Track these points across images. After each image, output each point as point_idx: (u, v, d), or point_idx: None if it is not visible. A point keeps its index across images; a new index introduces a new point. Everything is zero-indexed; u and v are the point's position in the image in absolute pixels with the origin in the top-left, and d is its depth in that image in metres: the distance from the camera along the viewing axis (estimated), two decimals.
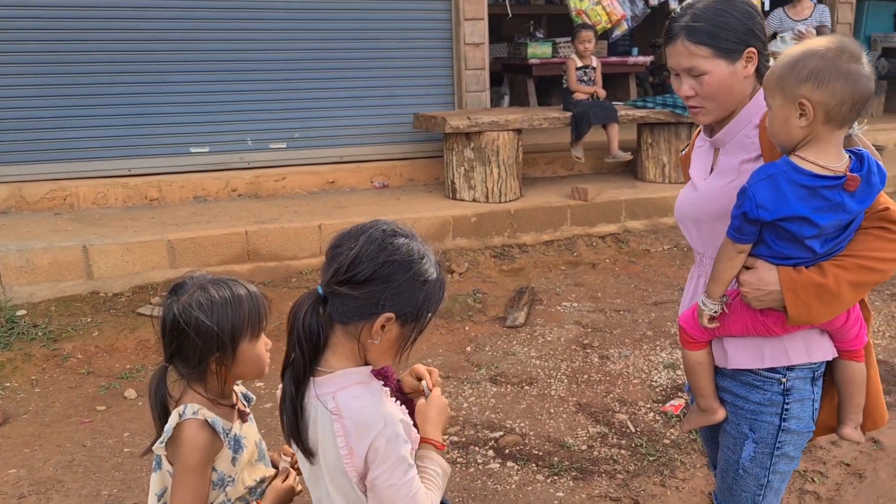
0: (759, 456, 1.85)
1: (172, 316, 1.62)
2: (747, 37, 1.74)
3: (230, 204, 6.00)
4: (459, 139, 5.98)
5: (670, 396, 3.73)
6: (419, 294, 1.39)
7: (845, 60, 1.54)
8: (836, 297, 1.65)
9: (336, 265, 1.39)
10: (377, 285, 1.36)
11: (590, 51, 6.44)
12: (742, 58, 1.74)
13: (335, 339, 1.42)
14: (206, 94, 6.09)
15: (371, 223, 1.44)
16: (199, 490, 1.59)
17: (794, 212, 1.58)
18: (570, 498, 2.97)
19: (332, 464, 1.39)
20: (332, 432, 1.36)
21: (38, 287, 4.74)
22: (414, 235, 1.44)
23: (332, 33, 6.37)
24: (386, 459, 1.35)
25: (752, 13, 1.76)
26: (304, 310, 1.39)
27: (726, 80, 1.75)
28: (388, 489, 1.35)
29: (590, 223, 6.13)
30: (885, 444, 3.29)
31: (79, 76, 5.73)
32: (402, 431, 1.40)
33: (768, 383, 1.80)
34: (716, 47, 1.73)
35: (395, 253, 1.38)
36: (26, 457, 3.27)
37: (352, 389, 1.39)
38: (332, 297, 1.39)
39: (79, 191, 5.73)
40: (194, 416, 1.61)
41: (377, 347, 1.40)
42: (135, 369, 4.09)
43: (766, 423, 1.82)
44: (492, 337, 4.48)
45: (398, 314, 1.38)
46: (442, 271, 1.45)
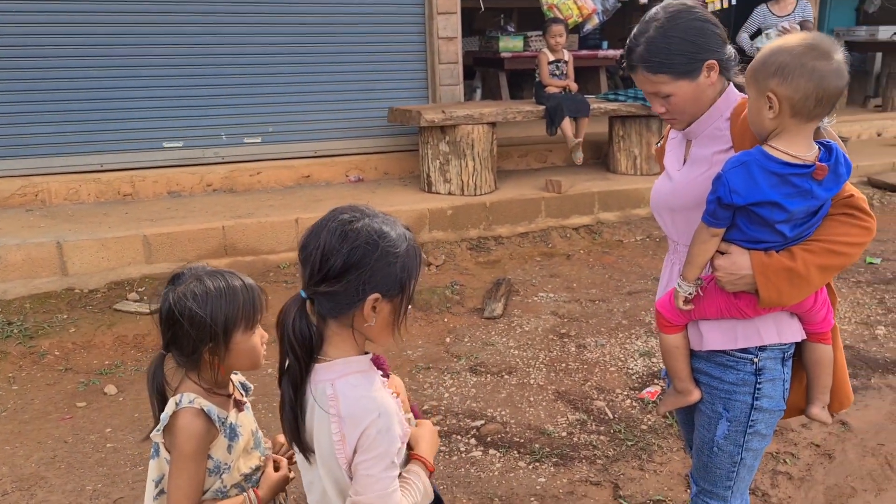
0: (733, 434, 1.93)
1: (168, 305, 1.64)
2: (701, 53, 1.81)
3: (205, 199, 5.97)
4: (435, 133, 6.02)
5: (646, 383, 3.82)
6: (395, 267, 1.41)
7: (812, 58, 1.62)
8: (804, 280, 1.73)
9: (309, 267, 1.42)
10: (353, 273, 1.38)
11: (561, 45, 6.50)
12: (702, 71, 1.82)
13: (330, 331, 1.45)
14: (179, 89, 6.05)
15: (328, 215, 1.45)
16: (195, 477, 1.62)
17: (765, 197, 1.67)
18: (551, 483, 3.04)
19: (325, 449, 1.42)
20: (328, 418, 1.39)
21: (11, 284, 4.69)
22: (372, 213, 1.44)
23: (306, 27, 6.36)
24: (372, 449, 1.38)
25: (701, 27, 1.82)
26: (292, 316, 1.41)
27: (692, 95, 1.84)
28: (365, 478, 1.38)
29: (563, 215, 6.22)
30: (852, 425, 3.41)
31: (48, 70, 5.66)
32: (396, 428, 1.42)
33: (741, 363, 1.88)
34: (673, 72, 1.81)
35: (358, 237, 1.39)
36: (7, 454, 3.25)
37: (351, 378, 1.42)
38: (317, 297, 1.42)
39: (50, 186, 5.67)
40: (190, 404, 1.64)
41: (374, 328, 1.43)
42: (113, 365, 4.07)
43: (740, 402, 1.90)
44: (470, 328, 4.53)
45: (383, 292, 1.40)
46: (410, 236, 1.46)
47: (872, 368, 3.94)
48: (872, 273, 5.33)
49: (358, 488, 1.39)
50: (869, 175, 7.43)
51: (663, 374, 2.77)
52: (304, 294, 1.42)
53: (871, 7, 11.32)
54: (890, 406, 3.56)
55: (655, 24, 1.82)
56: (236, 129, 6.29)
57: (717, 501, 2.03)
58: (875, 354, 4.09)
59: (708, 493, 2.04)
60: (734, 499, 2.03)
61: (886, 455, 3.19)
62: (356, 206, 1.46)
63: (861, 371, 3.90)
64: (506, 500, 2.93)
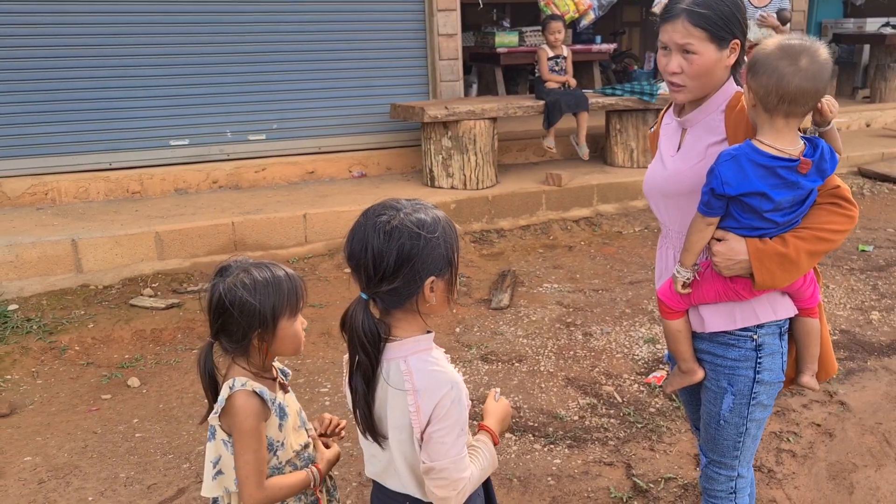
0: (738, 406, 2.08)
1: (218, 295, 1.74)
2: (736, 28, 1.93)
3: (212, 195, 6.07)
4: (437, 128, 6.14)
5: (652, 368, 3.96)
6: (440, 248, 1.53)
7: (778, 58, 1.79)
8: (795, 265, 1.89)
9: (364, 272, 1.53)
10: (406, 267, 1.50)
11: (560, 41, 6.63)
12: (728, 47, 1.93)
13: (395, 319, 1.57)
14: (185, 88, 6.14)
15: (364, 220, 1.56)
16: (259, 451, 1.74)
17: (753, 187, 1.82)
18: (566, 464, 3.17)
19: (399, 419, 1.55)
20: (403, 391, 1.52)
21: (27, 281, 4.78)
22: (402, 205, 1.55)
23: (309, 26, 6.46)
24: (447, 418, 1.51)
25: (742, 7, 1.96)
26: (359, 317, 1.53)
27: (711, 64, 1.93)
28: (440, 445, 1.51)
29: (564, 208, 6.35)
30: (851, 405, 3.57)
31: (57, 70, 5.74)
32: (465, 399, 1.56)
33: (742, 341, 2.03)
34: (711, 32, 1.90)
35: (402, 234, 1.50)
36: (39, 445, 3.36)
37: (423, 354, 1.55)
38: (378, 295, 1.54)
39: (60, 185, 5.75)
40: (243, 387, 1.74)
41: (434, 305, 1.56)
42: (134, 359, 4.17)
43: (742, 376, 2.05)
44: (479, 318, 4.66)
45: (436, 273, 1.53)
46: (442, 214, 1.58)
47: (868, 352, 4.10)
48: (865, 260, 5.50)
49: (432, 454, 1.51)
50: (859, 165, 7.61)
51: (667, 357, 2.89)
52: (366, 296, 1.54)
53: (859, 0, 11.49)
54: (886, 387, 3.72)
55: None
56: (241, 126, 6.38)
57: (726, 470, 2.18)
58: (871, 338, 4.25)
59: (717, 463, 2.18)
60: (741, 467, 2.18)
61: (884, 433, 3.34)
62: (386, 204, 1.57)
63: (858, 354, 4.06)
64: (524, 480, 3.07)
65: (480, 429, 1.70)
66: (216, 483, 1.81)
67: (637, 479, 3.05)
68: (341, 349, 4.26)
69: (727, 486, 2.19)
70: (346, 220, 5.60)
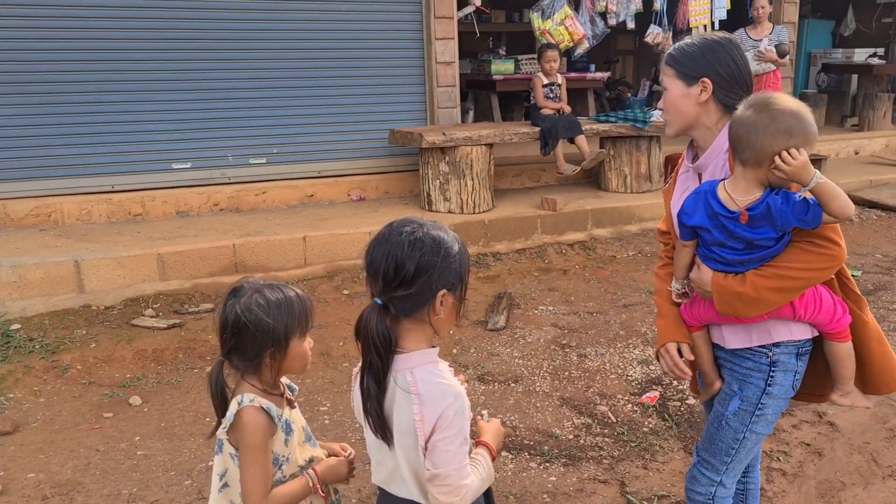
0: (742, 412, 2.17)
1: (235, 314, 1.81)
2: (703, 68, 2.11)
3: (213, 218, 6.15)
4: (435, 153, 6.26)
5: (645, 389, 4.04)
6: (455, 264, 1.64)
7: (744, 107, 1.96)
8: (755, 301, 2.02)
9: (382, 277, 1.62)
10: (424, 276, 1.60)
11: (555, 69, 6.78)
12: (697, 84, 2.12)
13: (404, 328, 1.66)
14: (188, 112, 6.25)
15: (386, 231, 1.67)
16: (265, 465, 1.80)
17: (700, 222, 2.04)
18: (562, 481, 3.24)
19: (405, 427, 1.62)
20: (409, 402, 1.60)
21: (30, 301, 4.84)
22: (425, 223, 1.67)
23: (310, 52, 6.60)
24: (450, 428, 1.59)
25: (714, 47, 2.14)
26: (373, 321, 1.62)
27: (679, 98, 2.15)
28: (444, 453, 1.59)
29: (559, 232, 6.46)
30: (840, 426, 3.64)
31: (60, 94, 5.85)
32: (468, 410, 1.64)
33: (757, 356, 2.14)
34: (677, 70, 2.15)
35: (424, 245, 1.61)
36: (42, 462, 3.41)
37: (428, 367, 1.64)
38: (392, 301, 1.63)
39: (63, 207, 5.84)
40: (251, 403, 1.80)
41: (442, 319, 1.65)
42: (135, 378, 4.23)
43: (753, 384, 2.15)
44: (475, 339, 4.74)
45: (448, 287, 1.63)
46: (458, 236, 1.69)
47: None
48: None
49: (436, 462, 1.59)
50: (847, 192, 7.73)
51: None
52: (380, 301, 1.63)
53: (847, 31, 11.75)
54: (875, 407, 3.80)
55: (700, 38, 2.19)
56: (242, 150, 6.49)
57: (712, 473, 2.24)
58: None
59: (706, 462, 2.25)
60: (726, 476, 2.24)
61: (872, 452, 3.42)
62: (410, 219, 1.68)
63: None
64: (520, 497, 3.13)
65: (478, 444, 1.78)
66: (222, 495, 1.86)
67: (631, 497, 3.11)
68: (340, 369, 4.33)
69: (707, 491, 2.25)
70: (345, 243, 5.70)
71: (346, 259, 5.71)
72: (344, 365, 4.39)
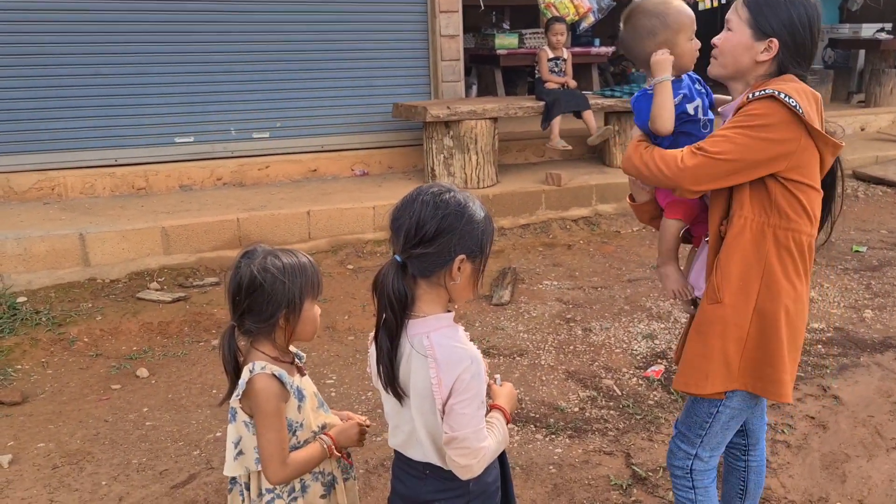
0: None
1: (250, 274, 1.80)
2: (778, 26, 1.95)
3: (216, 192, 6.14)
4: (439, 128, 6.23)
5: (650, 363, 4.05)
6: (477, 232, 1.64)
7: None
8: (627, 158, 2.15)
9: (403, 233, 1.62)
10: (444, 237, 1.60)
11: (562, 43, 6.73)
12: (763, 41, 1.97)
13: (420, 290, 1.66)
14: (190, 85, 6.21)
15: (416, 191, 1.68)
16: (280, 431, 1.81)
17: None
18: (568, 453, 3.26)
19: (421, 391, 1.63)
20: (426, 365, 1.61)
21: (36, 275, 4.85)
22: (453, 188, 1.68)
23: (313, 25, 6.54)
24: (467, 391, 1.60)
25: (799, 6, 1.96)
26: (390, 277, 1.62)
27: (740, 47, 2.00)
28: (461, 416, 1.60)
29: (563, 207, 6.45)
30: (844, 399, 3.66)
31: (64, 67, 5.81)
32: (484, 373, 1.65)
33: None
34: (752, 17, 1.97)
35: (448, 206, 1.62)
36: (52, 432, 3.43)
37: (444, 331, 1.64)
38: (411, 260, 1.63)
39: (66, 181, 5.82)
40: (262, 370, 1.81)
41: (458, 286, 1.65)
42: (142, 350, 4.25)
43: None
44: (480, 314, 4.75)
45: (468, 254, 1.63)
46: (486, 208, 1.70)
47: (861, 348, 4.19)
48: (859, 261, 5.60)
49: (454, 424, 1.60)
50: (853, 168, 7.72)
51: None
52: (399, 259, 1.63)
53: (854, 5, 11.63)
54: (878, 381, 3.82)
55: None
56: (245, 124, 6.46)
57: (687, 445, 2.22)
58: (864, 335, 4.35)
59: (683, 436, 2.23)
60: (702, 449, 2.19)
61: (876, 425, 3.44)
62: (440, 183, 1.69)
63: (851, 350, 4.16)
64: (526, 468, 3.15)
65: (492, 408, 1.79)
66: (237, 463, 1.87)
67: (636, 468, 3.13)
68: (345, 343, 4.35)
69: (684, 464, 2.22)
70: (349, 218, 5.69)
71: (350, 233, 5.71)
72: (349, 338, 4.40)
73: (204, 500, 2.93)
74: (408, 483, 1.76)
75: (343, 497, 2.00)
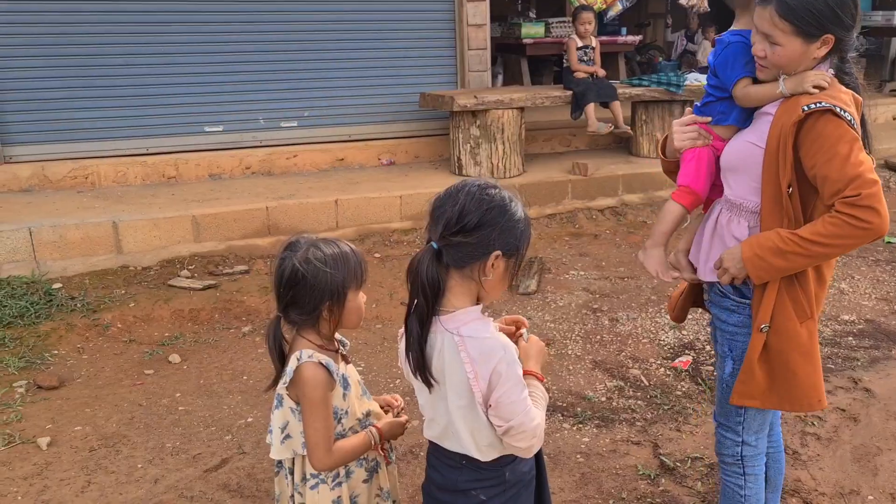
0: (738, 372, 2.15)
1: (292, 267, 1.82)
2: (830, 23, 1.90)
3: (245, 181, 6.20)
4: (466, 117, 6.23)
5: (678, 354, 4.04)
6: (516, 230, 1.65)
7: None
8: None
9: (444, 220, 1.63)
10: (484, 229, 1.61)
11: (590, 31, 6.69)
12: (818, 41, 1.92)
13: (453, 282, 1.67)
14: (220, 75, 6.28)
15: (462, 183, 1.69)
16: (327, 419, 1.83)
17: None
18: (595, 442, 3.27)
19: (458, 386, 1.65)
20: (460, 360, 1.62)
21: (71, 262, 4.94)
22: (499, 185, 1.69)
23: (341, 15, 6.57)
24: (507, 381, 1.62)
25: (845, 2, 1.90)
26: (425, 263, 1.63)
27: (796, 56, 1.94)
28: (510, 405, 1.62)
29: (589, 197, 6.43)
30: (876, 392, 3.63)
31: (97, 57, 5.90)
32: (516, 356, 1.67)
33: (741, 307, 2.13)
34: (797, 27, 1.90)
35: (493, 200, 1.63)
36: (88, 416, 3.51)
37: (473, 324, 1.65)
38: (447, 248, 1.64)
39: (99, 169, 5.92)
40: (310, 359, 1.82)
41: (490, 282, 1.66)
42: (174, 337, 4.32)
43: (741, 342, 2.14)
44: (507, 303, 4.76)
45: (504, 250, 1.64)
46: (527, 212, 1.71)
47: (893, 340, 4.15)
48: (891, 252, 5.53)
49: (505, 415, 1.62)
50: (885, 158, 7.60)
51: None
52: (436, 246, 1.64)
53: None
54: None
55: None
56: (274, 113, 6.52)
57: (732, 434, 2.25)
58: (895, 328, 4.30)
59: (724, 426, 2.27)
60: (746, 434, 2.23)
61: None
62: (487, 179, 1.70)
63: (882, 343, 4.12)
64: (553, 457, 3.17)
65: (525, 374, 1.76)
66: (284, 446, 1.89)
67: (664, 458, 3.14)
68: (373, 331, 4.39)
69: (733, 451, 2.26)
70: (376, 207, 5.73)
71: (377, 222, 5.74)
72: (377, 326, 4.44)
73: (236, 483, 2.98)
74: (444, 472, 1.78)
75: (385, 481, 2.03)
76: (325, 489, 1.86)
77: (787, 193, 1.97)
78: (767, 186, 2.01)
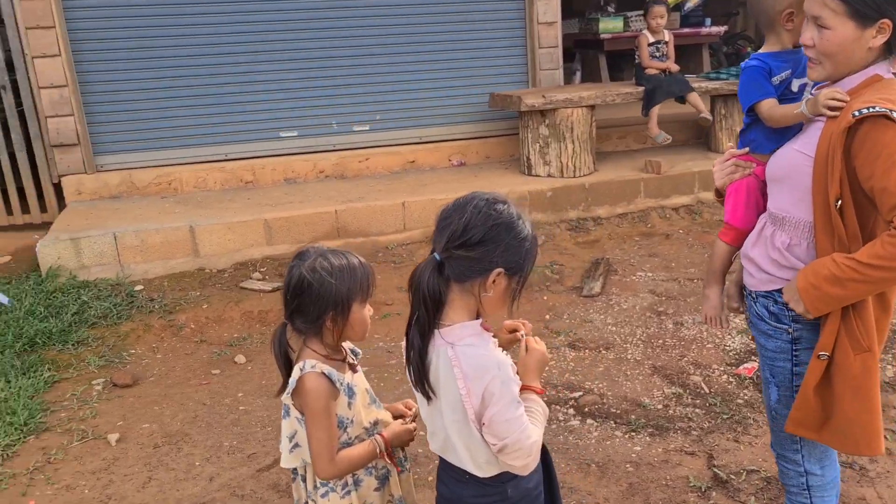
0: (784, 398, 2.06)
1: (299, 275, 1.86)
2: (888, 6, 1.71)
3: (318, 185, 6.37)
4: (534, 116, 6.18)
5: (743, 360, 3.89)
6: (521, 249, 1.63)
7: None
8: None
9: (449, 233, 1.63)
10: (488, 245, 1.60)
11: (662, 26, 6.49)
12: (874, 26, 1.73)
13: (453, 296, 1.67)
14: (294, 82, 6.46)
15: (471, 195, 1.68)
16: (330, 428, 1.87)
17: None
18: (647, 451, 3.19)
19: (452, 402, 1.65)
20: (453, 377, 1.62)
21: (151, 265, 5.21)
22: (509, 201, 1.67)
23: (410, 18, 6.64)
24: (501, 399, 1.60)
25: None
26: (427, 274, 1.63)
27: (847, 42, 1.75)
28: (503, 423, 1.60)
29: (663, 195, 6.25)
30: None
31: (179, 69, 6.18)
32: (513, 374, 1.65)
33: (778, 332, 2.03)
34: (851, 6, 1.72)
35: (500, 217, 1.62)
36: (156, 413, 3.70)
37: (468, 339, 1.64)
38: (450, 261, 1.63)
39: (181, 176, 6.21)
40: (312, 369, 1.85)
41: (490, 299, 1.65)
42: (241, 338, 4.49)
43: (781, 367, 2.05)
44: (569, 306, 4.70)
45: (506, 268, 1.62)
46: (535, 233, 1.68)
47: None
48: None
49: (499, 433, 1.60)
50: None
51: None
52: (439, 257, 1.64)
53: None
54: None
55: None
56: (346, 118, 6.65)
57: (791, 465, 2.14)
58: None
59: (782, 457, 2.17)
60: (809, 463, 2.11)
61: None
62: (497, 194, 1.69)
63: None
64: (602, 466, 3.11)
65: (523, 389, 1.73)
66: (293, 455, 1.94)
67: (718, 470, 3.03)
68: None
69: (798, 482, 2.17)
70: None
71: None
72: None
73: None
74: (451, 486, 1.78)
75: (398, 489, 2.05)
76: (336, 497, 1.89)
77: (835, 207, 1.81)
78: (818, 198, 1.86)
